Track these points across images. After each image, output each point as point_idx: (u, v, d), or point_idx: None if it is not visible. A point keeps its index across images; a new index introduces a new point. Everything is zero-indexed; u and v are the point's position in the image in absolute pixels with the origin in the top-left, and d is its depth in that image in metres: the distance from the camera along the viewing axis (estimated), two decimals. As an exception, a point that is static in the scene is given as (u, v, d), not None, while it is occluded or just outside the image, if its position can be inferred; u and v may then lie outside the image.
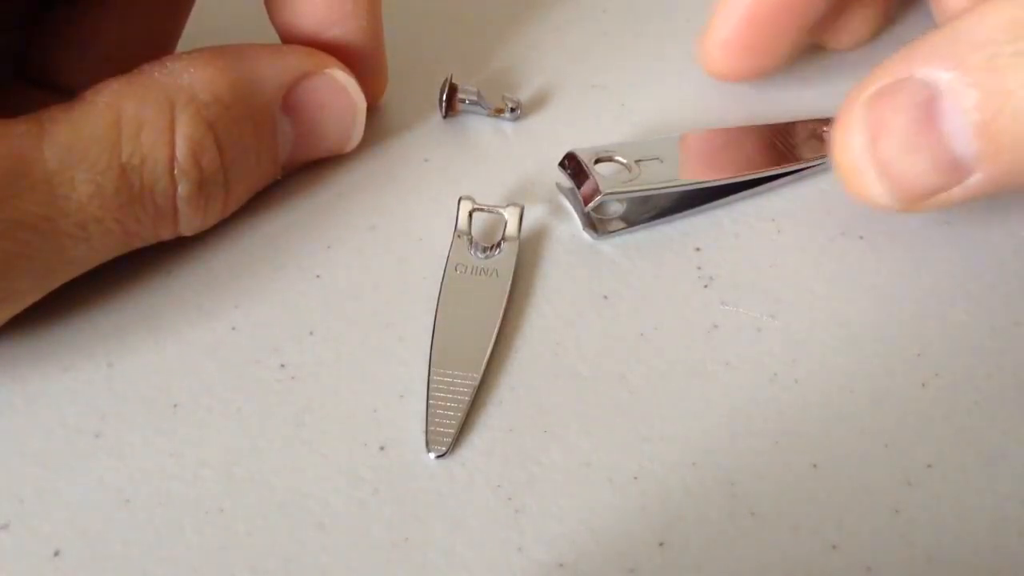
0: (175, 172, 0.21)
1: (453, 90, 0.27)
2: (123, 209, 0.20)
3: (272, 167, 0.24)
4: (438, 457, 0.20)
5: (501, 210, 0.24)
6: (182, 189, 0.21)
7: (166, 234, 0.22)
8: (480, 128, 0.28)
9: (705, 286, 0.23)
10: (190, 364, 0.22)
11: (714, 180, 0.24)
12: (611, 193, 0.23)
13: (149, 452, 0.20)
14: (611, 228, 0.25)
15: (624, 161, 0.24)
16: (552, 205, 0.25)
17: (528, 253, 0.24)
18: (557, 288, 0.23)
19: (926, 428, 0.20)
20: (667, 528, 0.19)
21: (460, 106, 0.28)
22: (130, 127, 0.20)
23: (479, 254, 0.23)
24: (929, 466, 0.20)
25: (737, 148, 0.24)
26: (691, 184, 0.24)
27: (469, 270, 0.23)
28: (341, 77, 0.24)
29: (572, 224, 0.25)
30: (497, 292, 0.23)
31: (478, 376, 0.21)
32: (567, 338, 0.22)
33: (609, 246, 0.24)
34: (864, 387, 0.21)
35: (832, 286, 0.23)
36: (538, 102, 0.28)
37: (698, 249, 0.24)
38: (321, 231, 0.25)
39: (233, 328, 0.22)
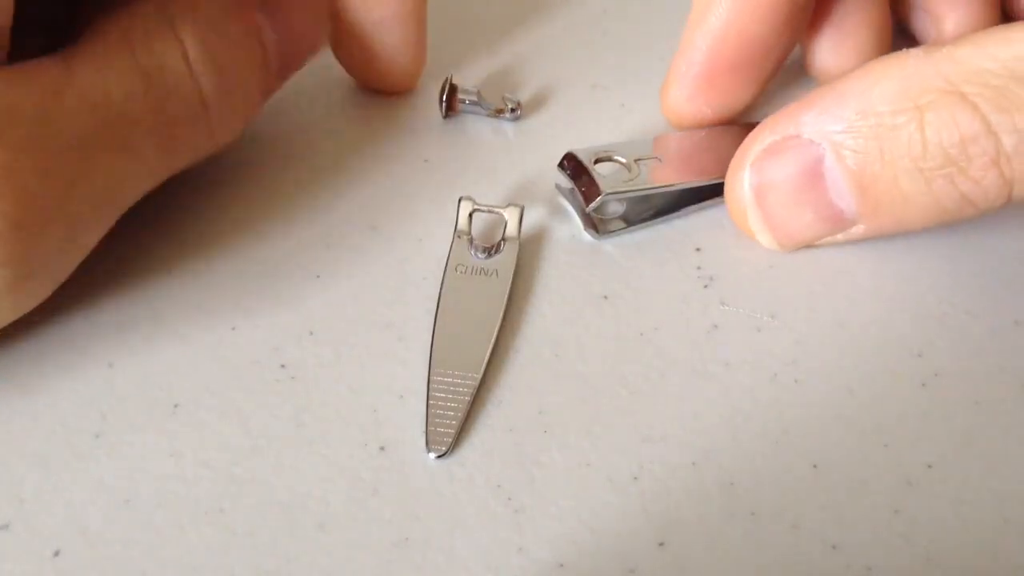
0: (193, 72, 0.22)
1: (453, 90, 0.28)
2: (158, 110, 0.21)
3: (268, 74, 0.24)
4: (438, 457, 0.20)
5: (501, 210, 0.24)
6: (204, 84, 0.22)
7: (204, 139, 0.23)
8: (480, 128, 0.28)
9: (705, 286, 0.23)
10: (190, 364, 0.22)
11: (714, 178, 0.24)
12: (612, 193, 0.23)
13: (149, 452, 0.20)
14: (612, 228, 0.24)
15: (623, 161, 0.24)
16: (552, 205, 0.25)
17: (528, 253, 0.24)
18: (557, 288, 0.23)
19: (926, 428, 0.20)
20: (667, 528, 0.19)
21: (460, 106, 0.28)
22: (139, 37, 0.21)
23: (479, 254, 0.23)
24: (929, 466, 0.20)
25: (736, 144, 0.24)
26: (691, 183, 0.24)
27: (469, 270, 0.23)
28: None
29: (572, 224, 0.25)
30: (497, 292, 0.23)
31: (478, 376, 0.21)
32: (567, 338, 0.22)
33: (609, 246, 0.24)
34: (864, 387, 0.21)
35: (832, 286, 0.23)
36: (538, 102, 0.28)
37: (698, 249, 0.24)
38: (321, 231, 0.25)
39: (233, 328, 0.22)
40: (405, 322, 0.23)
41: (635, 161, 0.24)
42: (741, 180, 0.23)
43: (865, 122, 0.21)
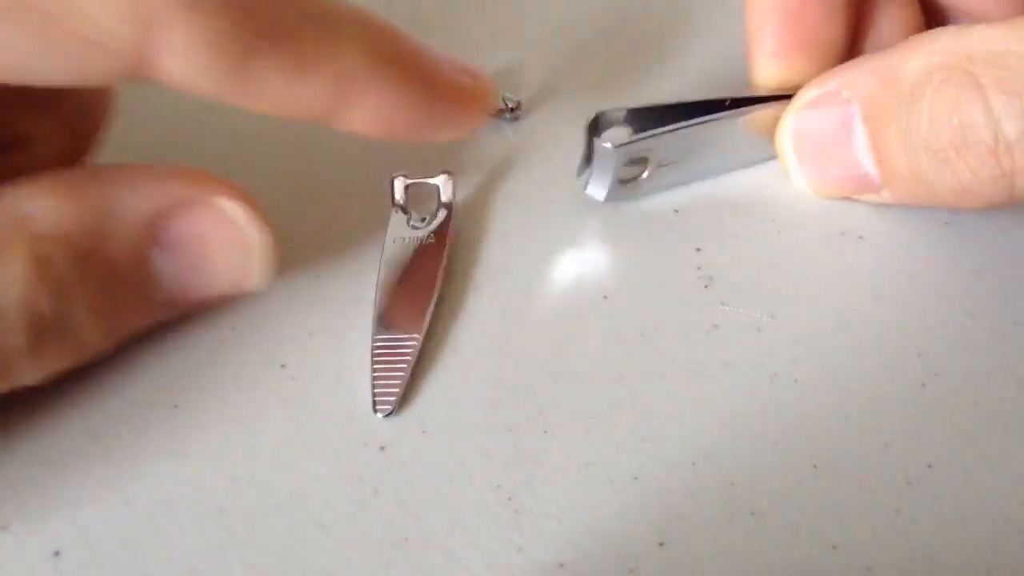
0: (26, 304, 0.17)
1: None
2: None
3: (144, 309, 0.20)
4: (385, 416, 0.21)
5: (434, 180, 0.24)
6: (13, 340, 0.17)
7: (3, 388, 0.18)
8: (480, 128, 0.28)
9: (705, 286, 0.23)
10: (190, 364, 0.22)
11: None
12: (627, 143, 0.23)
13: (149, 452, 0.20)
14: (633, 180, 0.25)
15: (646, 173, 0.25)
16: (552, 206, 0.25)
17: (528, 253, 0.24)
18: (557, 288, 0.23)
19: (926, 428, 0.20)
20: (667, 528, 0.19)
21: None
22: None
23: (417, 223, 0.24)
24: (929, 466, 0.20)
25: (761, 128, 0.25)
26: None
27: (409, 240, 0.24)
28: (229, 207, 0.20)
29: (572, 225, 0.25)
30: (435, 256, 0.23)
31: (420, 337, 0.22)
32: (567, 337, 0.22)
33: (610, 245, 0.24)
34: (864, 387, 0.21)
35: (832, 286, 0.23)
36: (538, 102, 0.28)
37: (698, 249, 0.24)
38: (322, 232, 0.25)
39: (233, 328, 0.22)
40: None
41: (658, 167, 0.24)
42: (784, 127, 0.25)
43: (888, 91, 0.21)
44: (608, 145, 0.23)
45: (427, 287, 0.23)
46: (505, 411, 0.21)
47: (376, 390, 0.21)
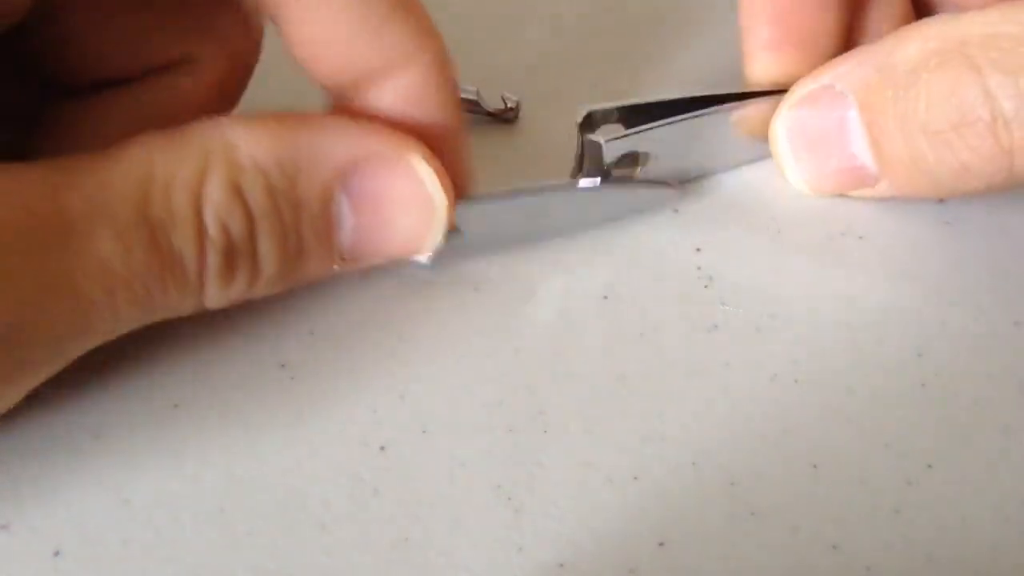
0: (204, 240, 0.19)
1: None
2: (150, 274, 0.18)
3: (324, 256, 0.21)
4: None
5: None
6: (210, 259, 0.19)
7: (189, 307, 0.19)
8: (480, 128, 0.28)
9: (705, 286, 0.23)
10: (190, 364, 0.22)
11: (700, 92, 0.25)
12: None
13: (149, 452, 0.20)
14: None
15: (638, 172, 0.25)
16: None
17: (528, 253, 0.24)
18: (557, 288, 0.23)
19: (926, 428, 0.20)
20: (667, 528, 0.19)
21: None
22: (160, 184, 0.18)
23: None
24: (929, 466, 0.20)
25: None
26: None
27: None
28: (421, 167, 0.21)
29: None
30: None
31: None
32: (567, 338, 0.22)
33: (610, 245, 0.24)
34: (864, 387, 0.21)
35: (832, 286, 0.23)
36: (538, 102, 0.28)
37: (698, 249, 0.24)
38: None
39: (233, 328, 0.22)
40: (405, 321, 0.22)
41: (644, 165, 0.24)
42: (779, 121, 0.24)
43: (883, 80, 0.22)
44: (599, 140, 0.23)
45: None
46: (505, 411, 0.21)
47: None
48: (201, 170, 0.18)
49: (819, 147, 0.24)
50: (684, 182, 0.25)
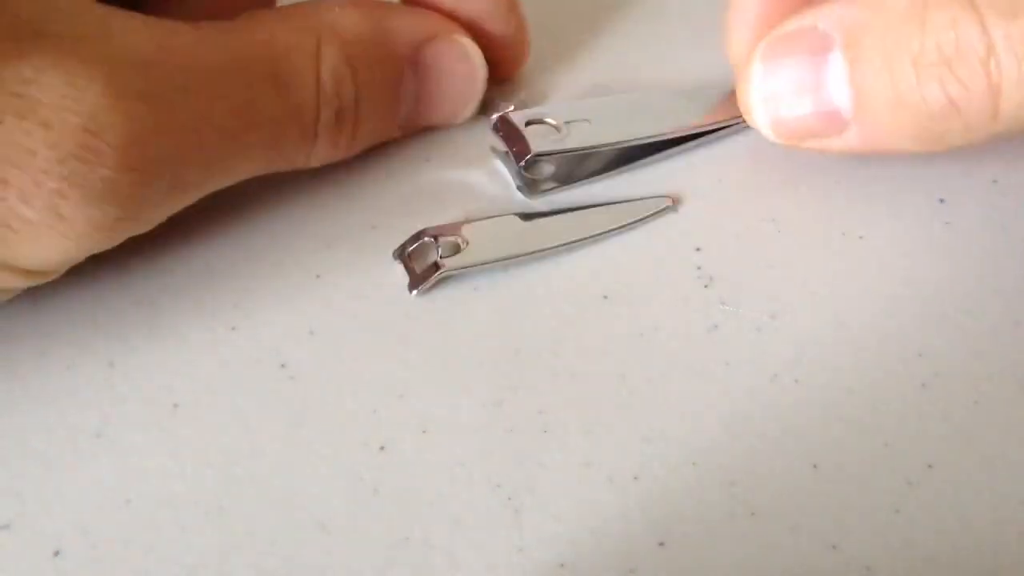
0: (319, 97, 0.22)
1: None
2: (273, 117, 0.22)
3: (393, 120, 0.25)
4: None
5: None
6: (324, 114, 0.23)
7: (300, 160, 0.23)
8: (480, 127, 0.28)
9: (705, 286, 0.23)
10: (190, 364, 0.22)
11: (644, 137, 0.25)
12: (541, 154, 0.25)
13: (149, 452, 0.20)
14: (544, 188, 0.25)
15: (553, 123, 0.25)
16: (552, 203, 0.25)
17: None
18: (557, 288, 0.23)
19: (926, 428, 0.20)
20: (667, 528, 0.19)
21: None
22: (280, 47, 0.22)
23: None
24: (929, 466, 0.20)
25: (675, 105, 0.25)
26: (619, 143, 0.25)
27: None
28: (468, 45, 0.25)
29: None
30: None
31: None
32: (567, 338, 0.22)
33: (610, 246, 0.24)
34: (864, 387, 0.21)
35: (832, 286, 0.23)
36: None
37: (698, 249, 0.24)
38: (321, 231, 0.25)
39: (233, 328, 0.22)
40: (405, 321, 0.23)
41: (565, 123, 0.25)
42: (753, 60, 0.24)
43: (875, 16, 0.22)
44: (494, 116, 0.25)
45: None
46: (505, 411, 0.21)
47: None
48: (316, 41, 0.22)
49: (793, 89, 0.23)
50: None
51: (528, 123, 0.25)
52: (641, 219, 0.25)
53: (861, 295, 0.23)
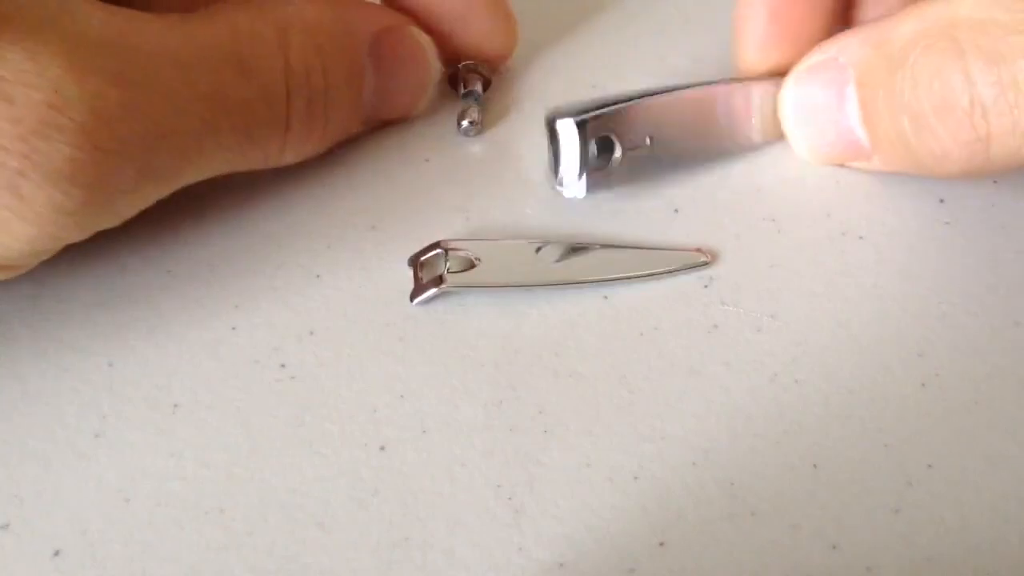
0: (290, 84, 0.22)
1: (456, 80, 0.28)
2: (244, 106, 0.22)
3: (356, 113, 0.25)
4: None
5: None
6: (296, 102, 0.23)
7: (274, 151, 0.23)
8: (447, 143, 0.27)
9: (705, 286, 0.23)
10: (190, 364, 0.22)
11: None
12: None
13: (149, 452, 0.20)
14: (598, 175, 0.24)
15: (618, 155, 0.24)
16: (551, 204, 0.25)
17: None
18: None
19: (926, 428, 0.20)
20: (667, 528, 0.19)
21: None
22: (244, 34, 0.22)
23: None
24: (929, 466, 0.20)
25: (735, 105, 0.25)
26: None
27: None
28: (421, 37, 0.26)
29: (572, 224, 0.25)
30: None
31: None
32: (567, 338, 0.22)
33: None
34: (864, 387, 0.21)
35: (832, 286, 0.23)
36: (538, 101, 0.28)
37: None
38: (321, 231, 0.25)
39: (233, 328, 0.22)
40: (405, 322, 0.23)
41: (626, 151, 0.24)
42: (787, 87, 0.25)
43: (878, 56, 0.22)
44: (569, 120, 0.23)
45: None
46: (505, 411, 0.21)
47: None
48: (280, 29, 0.22)
49: (820, 118, 0.24)
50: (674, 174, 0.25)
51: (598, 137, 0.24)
52: (669, 271, 0.24)
53: (861, 295, 0.23)
